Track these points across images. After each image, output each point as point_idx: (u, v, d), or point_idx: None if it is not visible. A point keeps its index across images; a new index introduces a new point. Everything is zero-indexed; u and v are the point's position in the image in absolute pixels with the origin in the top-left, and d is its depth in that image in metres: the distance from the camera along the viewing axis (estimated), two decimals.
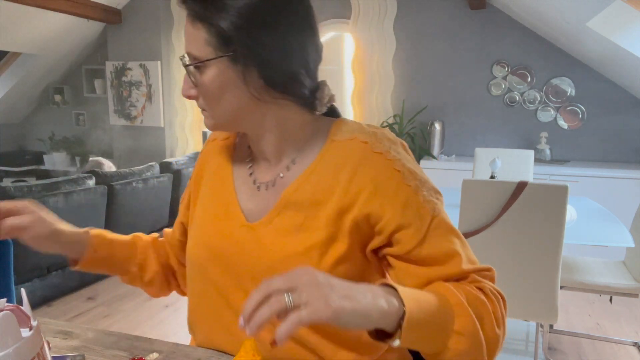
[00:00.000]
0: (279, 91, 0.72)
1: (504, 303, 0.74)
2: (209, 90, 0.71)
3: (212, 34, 0.67)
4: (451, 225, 0.75)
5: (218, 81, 0.70)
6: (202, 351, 0.79)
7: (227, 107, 0.72)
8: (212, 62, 0.69)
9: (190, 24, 0.69)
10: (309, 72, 0.74)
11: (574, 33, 3.40)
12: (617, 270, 2.36)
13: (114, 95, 5.22)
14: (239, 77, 0.69)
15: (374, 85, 4.44)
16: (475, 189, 1.91)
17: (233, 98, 0.71)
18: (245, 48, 0.67)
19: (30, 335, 0.56)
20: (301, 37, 0.71)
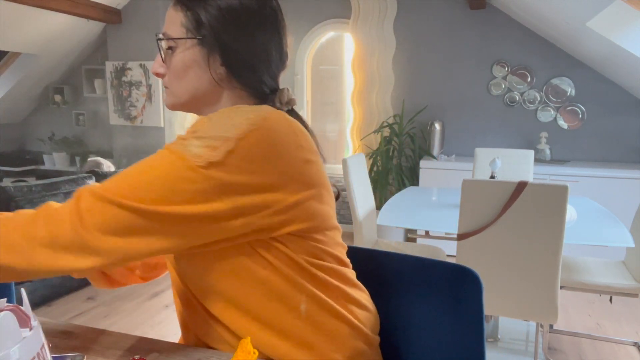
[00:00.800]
0: (237, 80, 0.80)
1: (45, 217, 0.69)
2: (175, 68, 0.80)
3: (189, 18, 0.78)
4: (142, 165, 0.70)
5: (184, 60, 0.79)
6: (202, 351, 0.79)
7: (188, 86, 0.80)
8: (182, 42, 0.79)
9: (172, 8, 0.80)
10: (270, 71, 0.82)
11: (574, 33, 3.40)
12: (617, 270, 2.37)
13: (114, 95, 5.22)
14: (203, 59, 0.78)
15: (374, 85, 4.44)
16: (475, 189, 1.91)
17: (195, 78, 0.80)
18: (213, 34, 0.77)
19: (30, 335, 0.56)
20: (267, 39, 0.80)
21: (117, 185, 0.67)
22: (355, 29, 4.40)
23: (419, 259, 0.95)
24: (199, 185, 0.67)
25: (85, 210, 0.66)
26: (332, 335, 0.80)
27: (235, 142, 0.68)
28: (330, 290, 0.81)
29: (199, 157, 0.67)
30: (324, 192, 0.79)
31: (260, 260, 0.75)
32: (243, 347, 0.67)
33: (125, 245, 0.66)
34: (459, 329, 0.91)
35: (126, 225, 0.66)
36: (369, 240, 2.73)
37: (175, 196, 0.66)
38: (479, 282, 0.88)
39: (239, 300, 0.76)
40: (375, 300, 0.98)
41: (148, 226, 0.66)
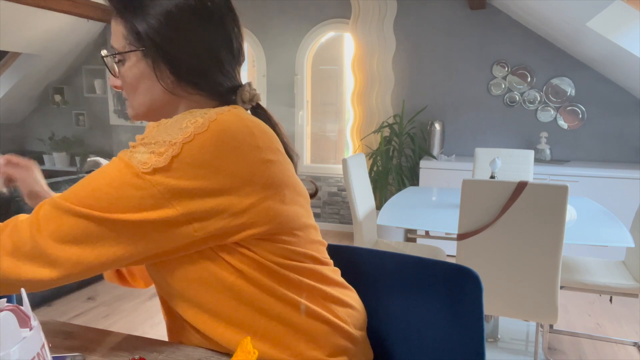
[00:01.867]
0: (190, 86, 0.78)
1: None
2: (126, 81, 0.78)
3: (128, 30, 0.75)
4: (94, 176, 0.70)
5: (132, 73, 0.77)
6: (202, 351, 0.79)
7: (143, 99, 0.79)
8: (126, 55, 0.76)
9: (113, 19, 0.78)
10: (223, 70, 0.79)
11: (574, 33, 3.40)
12: (617, 270, 2.37)
13: (114, 95, 5.22)
14: (150, 71, 0.76)
15: (374, 85, 4.44)
16: (475, 189, 1.91)
17: (146, 90, 0.78)
18: (154, 45, 0.74)
19: (30, 335, 0.56)
20: (213, 38, 0.77)
21: (72, 193, 0.68)
22: (355, 29, 4.40)
23: (419, 259, 0.95)
24: (146, 192, 0.66)
25: (42, 218, 0.67)
26: (310, 335, 0.79)
27: (181, 146, 0.67)
28: (305, 291, 0.79)
29: (144, 163, 0.67)
30: (287, 192, 0.75)
31: (226, 266, 0.74)
32: (243, 347, 0.67)
33: (80, 254, 0.66)
34: (459, 329, 0.91)
35: (79, 233, 0.66)
36: (369, 240, 2.73)
37: (123, 203, 0.66)
38: (479, 282, 0.88)
39: (209, 305, 0.75)
40: (374, 300, 0.98)
41: (101, 234, 0.66)
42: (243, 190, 0.70)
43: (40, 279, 0.66)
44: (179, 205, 0.67)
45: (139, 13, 0.74)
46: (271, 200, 0.73)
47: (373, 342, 0.96)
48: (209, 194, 0.68)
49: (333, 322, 0.81)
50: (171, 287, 0.76)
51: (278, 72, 4.79)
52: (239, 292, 0.75)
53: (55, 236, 0.66)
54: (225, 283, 0.74)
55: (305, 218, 0.81)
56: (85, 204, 0.66)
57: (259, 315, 0.76)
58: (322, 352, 0.80)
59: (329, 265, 0.86)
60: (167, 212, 0.67)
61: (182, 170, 0.66)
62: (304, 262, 0.79)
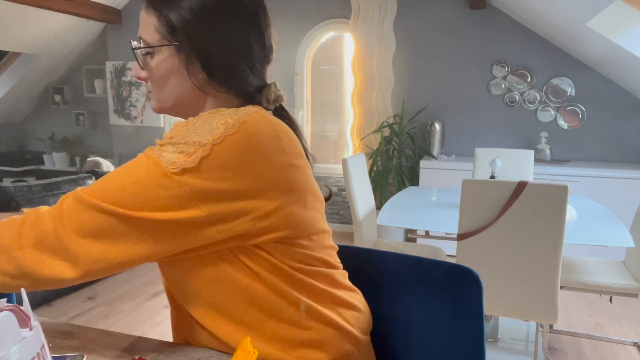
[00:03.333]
0: (219, 84, 0.76)
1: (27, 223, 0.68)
2: (154, 74, 0.77)
3: (162, 23, 0.73)
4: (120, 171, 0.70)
5: (163, 67, 0.75)
6: (202, 351, 0.79)
7: (170, 93, 0.77)
8: (158, 49, 0.75)
9: (144, 10, 0.75)
10: (254, 70, 0.78)
11: (574, 33, 3.40)
12: (617, 270, 2.37)
13: (114, 95, 5.22)
14: (182, 66, 0.75)
15: (374, 85, 4.44)
16: (475, 189, 1.91)
17: (176, 85, 0.76)
18: (189, 40, 0.73)
19: (30, 335, 0.56)
20: (247, 37, 0.76)
21: (98, 189, 0.67)
22: (355, 29, 4.40)
23: (419, 259, 0.95)
24: (173, 192, 0.65)
25: (65, 211, 0.66)
26: (318, 339, 0.79)
27: (211, 147, 0.66)
28: (317, 295, 0.79)
29: (172, 163, 0.66)
30: (308, 197, 0.75)
31: (242, 268, 0.73)
32: (243, 347, 0.67)
33: (103, 250, 0.65)
34: (459, 329, 0.91)
35: (103, 230, 0.65)
36: (369, 240, 2.73)
37: (150, 202, 0.65)
38: (479, 282, 0.88)
39: (221, 305, 0.75)
40: (374, 300, 0.98)
41: (125, 231, 0.65)
42: (268, 194, 0.69)
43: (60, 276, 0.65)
44: (205, 207, 0.66)
45: (174, 6, 0.73)
46: (294, 205, 0.72)
47: (373, 342, 0.96)
48: (235, 196, 0.67)
49: (341, 327, 0.81)
50: (184, 285, 0.76)
51: (278, 72, 4.79)
52: (252, 294, 0.74)
53: (79, 230, 0.65)
54: (240, 284, 0.74)
55: (321, 223, 0.81)
56: (111, 200, 0.65)
57: (269, 318, 0.76)
58: (327, 356, 0.80)
59: (339, 269, 0.87)
60: (193, 213, 0.66)
61: (210, 172, 0.66)
62: (317, 266, 0.80)
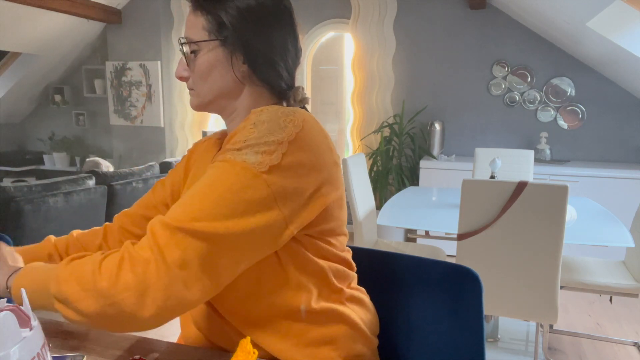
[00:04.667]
0: (258, 77, 0.82)
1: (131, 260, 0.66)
2: (200, 69, 0.81)
3: (210, 21, 0.79)
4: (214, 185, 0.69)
5: (208, 61, 0.81)
6: (202, 351, 0.79)
7: (213, 86, 0.82)
8: (205, 44, 0.80)
9: (192, 13, 0.81)
10: (287, 67, 0.84)
11: (574, 33, 3.40)
12: (617, 270, 2.37)
13: (114, 95, 5.22)
14: (227, 59, 0.80)
15: (374, 85, 4.44)
16: (475, 189, 1.91)
17: (219, 77, 0.81)
18: (235, 34, 0.79)
19: (30, 335, 0.56)
20: (284, 36, 0.82)
21: (187, 211, 0.67)
22: (355, 29, 4.40)
23: (419, 259, 0.95)
24: (263, 192, 0.67)
25: (164, 246, 0.65)
26: (332, 336, 0.80)
27: (288, 145, 0.70)
28: (336, 294, 0.82)
29: (260, 163, 0.68)
30: (343, 197, 0.81)
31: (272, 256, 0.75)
32: (243, 347, 0.67)
33: (209, 276, 0.66)
34: (459, 329, 0.91)
35: (204, 255, 0.65)
36: (369, 240, 2.73)
37: (246, 206, 0.66)
38: (479, 282, 0.88)
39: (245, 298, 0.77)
40: (375, 300, 0.98)
41: (224, 250, 0.66)
42: (324, 189, 0.74)
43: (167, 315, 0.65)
44: (284, 207, 0.69)
45: (222, 6, 0.79)
46: (336, 202, 0.78)
47: None
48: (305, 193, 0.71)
49: (356, 325, 0.84)
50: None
51: None
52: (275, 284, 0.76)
53: (182, 264, 0.64)
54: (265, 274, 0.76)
55: (345, 226, 0.86)
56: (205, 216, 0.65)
57: (288, 313, 0.78)
58: (340, 354, 0.81)
59: (354, 270, 0.90)
60: (275, 214, 0.68)
61: (289, 169, 0.69)
62: (340, 264, 0.83)
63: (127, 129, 5.28)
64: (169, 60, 5.07)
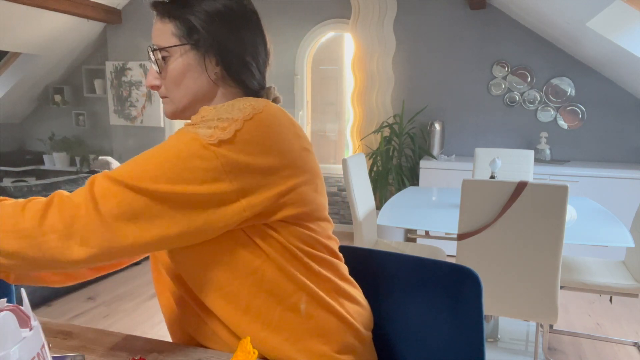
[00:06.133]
0: (232, 78, 0.83)
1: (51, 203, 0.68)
2: (172, 75, 0.82)
3: (179, 27, 0.80)
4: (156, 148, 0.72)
5: (181, 66, 0.81)
6: (202, 351, 0.79)
7: (187, 91, 0.82)
8: (176, 49, 0.81)
9: (159, 21, 0.82)
10: (260, 68, 0.86)
11: (574, 33, 3.40)
12: (617, 270, 2.37)
13: (114, 95, 5.22)
14: (199, 62, 0.81)
15: (374, 85, 4.44)
16: (475, 189, 1.91)
17: (192, 81, 0.82)
18: (207, 37, 0.80)
19: (30, 335, 0.56)
20: (253, 37, 0.84)
21: (131, 169, 0.68)
22: (355, 29, 4.40)
23: (418, 258, 0.95)
24: (210, 163, 0.69)
25: (99, 195, 0.66)
26: (322, 329, 0.81)
27: (242, 122, 0.72)
28: (322, 282, 0.82)
29: (210, 136, 0.70)
30: (318, 182, 0.82)
31: (255, 249, 0.76)
32: (243, 347, 0.67)
33: (137, 232, 0.66)
34: (459, 329, 0.91)
35: (140, 211, 0.66)
36: (369, 240, 2.73)
37: (189, 174, 0.68)
38: (479, 282, 0.88)
39: (232, 290, 0.77)
40: (374, 300, 0.98)
41: (161, 211, 0.67)
42: (287, 172, 0.75)
43: (85, 257, 0.66)
44: (235, 181, 0.70)
45: (188, 11, 0.80)
46: (307, 186, 0.78)
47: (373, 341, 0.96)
48: (262, 171, 0.72)
49: (345, 318, 0.83)
50: (198, 271, 0.78)
51: (278, 72, 4.79)
52: (261, 277, 0.77)
53: (115, 213, 0.66)
54: (251, 266, 0.77)
55: (326, 212, 0.86)
56: (149, 177, 0.67)
57: (276, 304, 0.78)
58: (331, 347, 0.81)
59: (342, 260, 0.90)
60: (224, 187, 0.69)
61: (242, 145, 0.71)
62: (323, 252, 0.83)
63: (127, 129, 5.28)
64: None
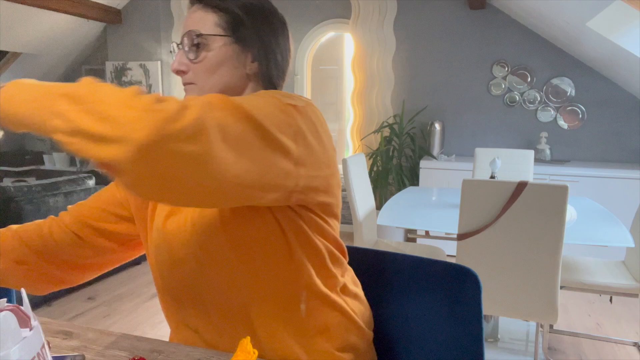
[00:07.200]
0: (264, 75, 0.84)
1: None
2: (208, 63, 0.81)
3: (224, 18, 0.81)
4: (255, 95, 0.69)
5: (219, 56, 0.81)
6: (202, 351, 0.79)
7: (219, 80, 0.82)
8: (218, 39, 0.81)
9: (201, 10, 0.81)
10: (285, 70, 0.88)
11: (574, 33, 3.40)
12: (617, 270, 2.37)
13: None
14: (238, 56, 0.82)
15: (374, 85, 4.44)
16: (475, 189, 1.91)
17: (227, 73, 0.82)
18: (251, 33, 0.82)
19: (30, 335, 0.56)
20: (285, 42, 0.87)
21: (244, 101, 0.63)
22: (355, 29, 4.40)
23: (418, 258, 0.95)
24: (291, 120, 0.68)
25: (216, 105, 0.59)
26: (326, 324, 0.81)
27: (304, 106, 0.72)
28: (331, 278, 0.83)
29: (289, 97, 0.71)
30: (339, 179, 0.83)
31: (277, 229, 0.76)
32: (243, 347, 0.67)
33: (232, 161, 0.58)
34: (458, 329, 0.91)
35: (243, 141, 0.60)
36: (368, 240, 2.73)
37: (277, 122, 0.65)
38: (478, 282, 0.88)
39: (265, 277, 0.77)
40: (374, 299, 0.98)
41: (259, 150, 0.61)
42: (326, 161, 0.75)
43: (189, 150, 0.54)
44: (300, 147, 0.68)
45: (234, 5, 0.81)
46: (335, 179, 0.79)
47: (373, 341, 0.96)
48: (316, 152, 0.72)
49: (350, 315, 0.84)
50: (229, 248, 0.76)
51: None
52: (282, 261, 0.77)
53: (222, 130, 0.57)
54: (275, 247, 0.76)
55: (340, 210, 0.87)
56: (260, 114, 0.63)
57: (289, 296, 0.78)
58: (333, 345, 0.81)
59: (347, 258, 0.91)
60: (293, 147, 0.67)
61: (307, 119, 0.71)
62: (335, 246, 0.84)
63: None
64: (169, 61, 5.07)
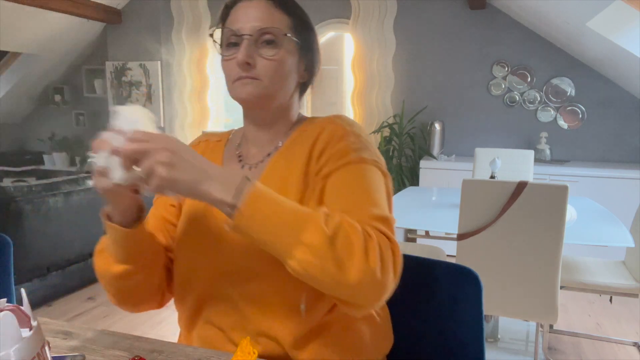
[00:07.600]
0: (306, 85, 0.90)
1: (394, 250, 0.71)
2: (279, 62, 0.81)
3: (295, 24, 0.83)
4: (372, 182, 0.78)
5: (289, 58, 0.82)
6: (202, 351, 0.79)
7: (284, 84, 0.83)
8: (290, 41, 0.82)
9: (273, 7, 0.80)
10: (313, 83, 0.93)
11: (574, 33, 3.40)
12: (617, 270, 2.36)
13: (114, 95, 5.22)
14: (298, 62, 0.85)
15: (374, 85, 4.44)
16: (475, 189, 1.91)
17: (290, 77, 0.84)
18: (311, 43, 0.87)
19: (30, 335, 0.56)
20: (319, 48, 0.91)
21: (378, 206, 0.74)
22: (355, 29, 4.40)
23: (418, 259, 0.95)
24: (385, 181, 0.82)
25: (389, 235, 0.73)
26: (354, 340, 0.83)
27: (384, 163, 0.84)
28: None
29: (382, 162, 0.82)
30: None
31: None
32: (243, 347, 0.67)
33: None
34: (459, 329, 0.91)
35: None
36: None
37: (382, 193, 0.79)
38: (479, 282, 0.88)
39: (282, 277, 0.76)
40: None
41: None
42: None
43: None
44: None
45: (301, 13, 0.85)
46: None
47: None
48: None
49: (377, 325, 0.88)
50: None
51: None
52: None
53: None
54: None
55: None
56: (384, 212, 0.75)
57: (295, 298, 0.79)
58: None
59: None
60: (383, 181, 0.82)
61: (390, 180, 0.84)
62: None
63: None
64: (169, 61, 5.07)
